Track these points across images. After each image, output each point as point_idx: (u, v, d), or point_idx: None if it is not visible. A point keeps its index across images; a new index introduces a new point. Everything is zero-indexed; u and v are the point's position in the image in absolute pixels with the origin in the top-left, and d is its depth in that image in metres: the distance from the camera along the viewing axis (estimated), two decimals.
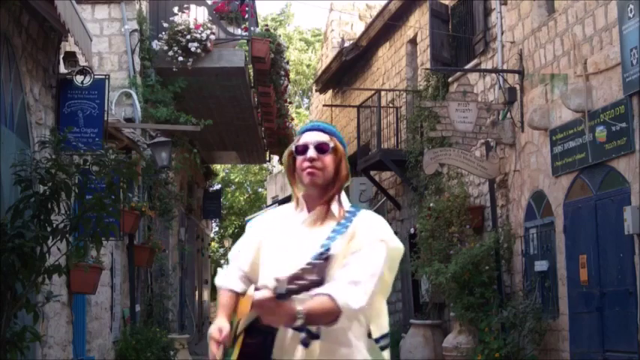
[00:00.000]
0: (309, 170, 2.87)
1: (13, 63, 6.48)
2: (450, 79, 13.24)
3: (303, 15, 61.60)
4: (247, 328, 2.83)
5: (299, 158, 2.90)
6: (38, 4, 6.55)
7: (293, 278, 2.55)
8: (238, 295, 2.96)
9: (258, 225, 3.06)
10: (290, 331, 2.76)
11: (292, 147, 2.93)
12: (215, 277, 3.11)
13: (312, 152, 2.87)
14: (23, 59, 6.68)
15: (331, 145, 2.90)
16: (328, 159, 2.89)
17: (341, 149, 2.94)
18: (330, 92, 21.49)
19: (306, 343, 2.75)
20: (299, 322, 2.62)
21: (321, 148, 2.89)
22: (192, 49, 11.63)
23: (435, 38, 13.26)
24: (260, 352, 2.80)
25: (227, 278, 3.02)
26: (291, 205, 3.01)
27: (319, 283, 2.56)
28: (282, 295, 2.55)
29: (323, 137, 2.91)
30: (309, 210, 2.92)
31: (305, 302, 2.63)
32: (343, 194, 2.96)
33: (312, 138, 2.91)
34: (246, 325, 2.82)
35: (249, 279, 2.98)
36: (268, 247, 2.94)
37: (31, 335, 5.74)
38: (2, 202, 6.00)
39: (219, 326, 2.85)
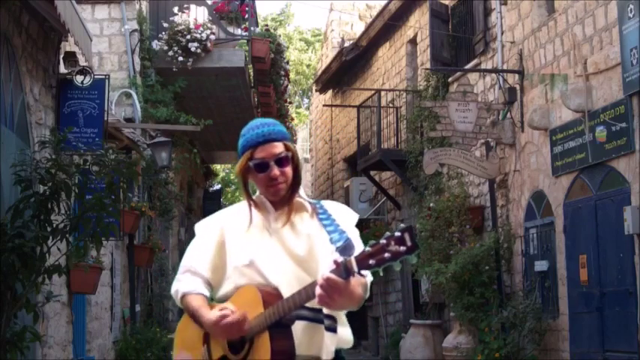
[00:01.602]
0: (275, 188, 2.82)
1: (13, 63, 6.48)
2: (450, 79, 13.24)
3: (303, 15, 61.62)
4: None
5: (260, 175, 2.82)
6: (38, 4, 6.54)
7: (365, 257, 2.46)
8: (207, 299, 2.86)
9: (212, 227, 2.94)
10: (300, 324, 2.71)
11: (250, 164, 2.82)
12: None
13: (275, 170, 2.80)
14: (23, 59, 6.68)
15: (289, 155, 2.84)
16: (288, 169, 2.84)
17: (294, 151, 2.88)
18: (330, 92, 21.48)
19: (333, 329, 2.76)
20: (360, 305, 2.61)
21: (280, 161, 2.82)
22: (192, 49, 11.62)
23: (435, 38, 13.25)
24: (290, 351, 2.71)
25: (191, 285, 2.88)
26: (241, 205, 2.93)
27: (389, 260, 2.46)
28: (348, 275, 2.47)
29: (279, 148, 2.82)
30: (276, 209, 2.87)
31: (355, 283, 2.58)
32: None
33: (268, 153, 2.81)
34: (268, 324, 2.69)
35: (210, 284, 2.90)
36: (239, 247, 2.84)
37: (31, 335, 5.74)
38: (2, 202, 6.00)
39: (222, 313, 2.69)
